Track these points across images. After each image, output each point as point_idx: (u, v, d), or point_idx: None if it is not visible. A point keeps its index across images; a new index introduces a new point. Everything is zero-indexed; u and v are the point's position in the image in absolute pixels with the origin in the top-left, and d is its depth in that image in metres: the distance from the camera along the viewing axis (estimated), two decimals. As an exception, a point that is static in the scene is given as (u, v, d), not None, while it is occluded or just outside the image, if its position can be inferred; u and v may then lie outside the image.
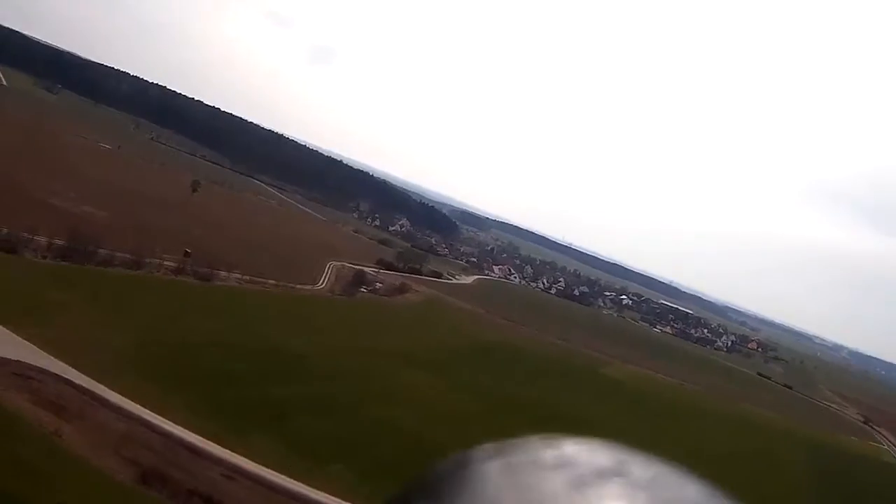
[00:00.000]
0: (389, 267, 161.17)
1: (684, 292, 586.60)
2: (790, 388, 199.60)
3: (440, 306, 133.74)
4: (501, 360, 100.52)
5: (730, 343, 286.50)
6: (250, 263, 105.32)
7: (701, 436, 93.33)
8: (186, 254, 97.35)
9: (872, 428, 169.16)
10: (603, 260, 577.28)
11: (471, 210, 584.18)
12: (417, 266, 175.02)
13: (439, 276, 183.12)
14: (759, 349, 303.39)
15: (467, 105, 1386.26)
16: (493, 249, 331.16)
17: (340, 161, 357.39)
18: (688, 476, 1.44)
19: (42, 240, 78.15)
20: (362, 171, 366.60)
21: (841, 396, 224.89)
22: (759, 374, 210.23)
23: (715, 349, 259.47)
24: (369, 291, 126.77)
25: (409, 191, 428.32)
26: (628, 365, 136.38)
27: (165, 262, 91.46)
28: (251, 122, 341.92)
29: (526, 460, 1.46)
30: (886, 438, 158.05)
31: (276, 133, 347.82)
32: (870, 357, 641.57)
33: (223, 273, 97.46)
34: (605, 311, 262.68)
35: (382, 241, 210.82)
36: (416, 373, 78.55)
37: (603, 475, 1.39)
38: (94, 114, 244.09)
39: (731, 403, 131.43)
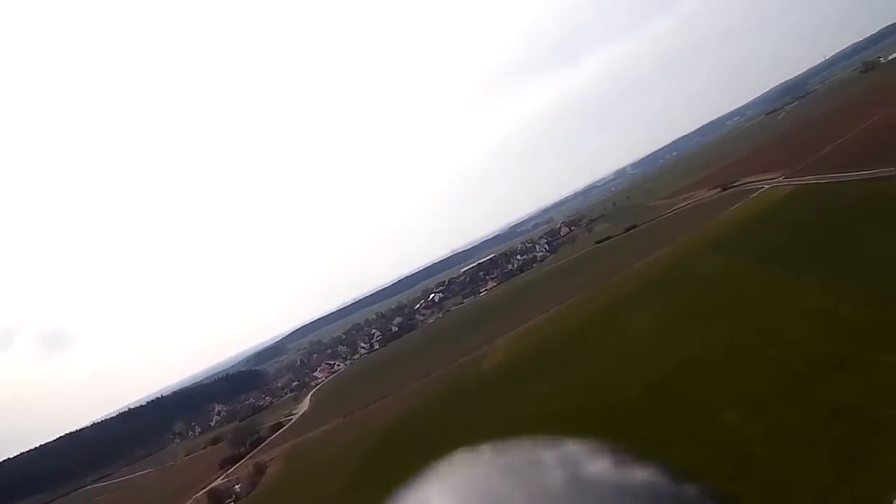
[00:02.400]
0: (234, 460, 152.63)
1: (469, 249, 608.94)
2: (634, 226, 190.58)
3: (302, 454, 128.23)
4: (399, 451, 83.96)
5: (546, 246, 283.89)
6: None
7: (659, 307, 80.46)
8: None
9: (733, 187, 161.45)
10: (389, 287, 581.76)
11: (259, 348, 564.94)
12: (255, 435, 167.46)
13: (281, 425, 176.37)
14: (572, 228, 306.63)
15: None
16: (302, 361, 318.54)
17: (126, 410, 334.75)
18: (684, 477, 1.39)
19: None
20: (151, 401, 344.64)
21: (674, 195, 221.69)
22: (598, 242, 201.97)
23: (540, 261, 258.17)
24: (235, 501, 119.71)
25: (201, 381, 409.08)
26: (503, 336, 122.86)
27: None
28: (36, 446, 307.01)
29: (523, 461, 1.42)
30: (750, 181, 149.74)
31: (64, 434, 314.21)
32: (649, 157, 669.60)
33: None
34: (430, 321, 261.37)
35: (213, 441, 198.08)
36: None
37: (599, 477, 1.36)
38: None
39: (615, 282, 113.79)
